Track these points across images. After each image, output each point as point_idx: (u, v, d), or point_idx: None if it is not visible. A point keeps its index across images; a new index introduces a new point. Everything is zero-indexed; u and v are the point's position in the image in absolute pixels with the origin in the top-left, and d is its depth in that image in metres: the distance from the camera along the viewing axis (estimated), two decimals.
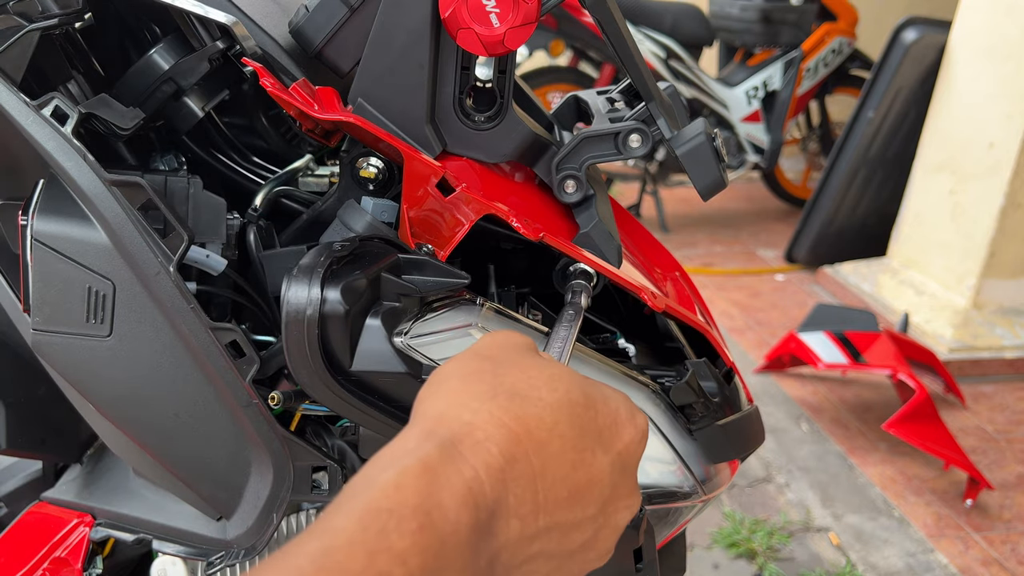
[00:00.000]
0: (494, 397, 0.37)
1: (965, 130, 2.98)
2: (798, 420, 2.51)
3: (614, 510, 0.39)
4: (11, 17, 0.58)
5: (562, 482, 0.36)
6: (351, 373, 0.56)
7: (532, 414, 0.36)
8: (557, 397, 0.38)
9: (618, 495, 0.39)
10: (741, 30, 4.01)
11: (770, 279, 3.65)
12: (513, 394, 0.37)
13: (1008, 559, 1.94)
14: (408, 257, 0.60)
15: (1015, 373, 2.81)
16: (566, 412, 0.37)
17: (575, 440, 0.37)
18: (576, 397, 0.38)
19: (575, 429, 0.37)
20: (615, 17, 0.63)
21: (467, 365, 0.40)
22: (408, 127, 0.63)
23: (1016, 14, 2.76)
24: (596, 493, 0.37)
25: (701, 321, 0.75)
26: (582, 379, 0.40)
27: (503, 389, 0.37)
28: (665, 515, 0.72)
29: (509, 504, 0.34)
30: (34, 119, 0.56)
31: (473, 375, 0.39)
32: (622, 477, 0.39)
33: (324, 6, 0.61)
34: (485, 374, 0.39)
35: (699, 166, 0.65)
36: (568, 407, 0.38)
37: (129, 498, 0.75)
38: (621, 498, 0.40)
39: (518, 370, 0.39)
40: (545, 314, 0.74)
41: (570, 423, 0.37)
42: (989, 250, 2.87)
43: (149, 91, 0.65)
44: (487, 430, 0.35)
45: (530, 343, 0.43)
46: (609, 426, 0.39)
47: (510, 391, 0.37)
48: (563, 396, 0.38)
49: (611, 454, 0.39)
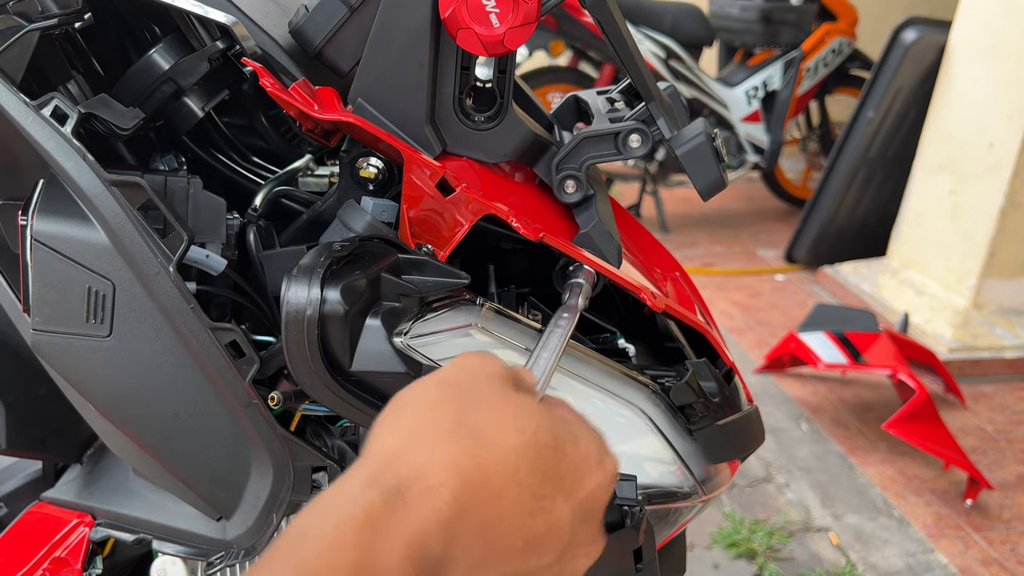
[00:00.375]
0: (453, 437, 0.34)
1: (965, 130, 2.98)
2: (798, 420, 2.51)
3: (572, 558, 0.37)
4: (11, 17, 0.57)
5: (517, 531, 0.34)
6: (351, 373, 0.56)
7: (493, 459, 0.34)
8: (523, 440, 0.35)
9: (578, 542, 0.37)
10: (741, 30, 4.01)
11: (770, 279, 3.65)
12: (475, 435, 0.35)
13: (1008, 559, 1.94)
14: (408, 257, 0.60)
15: (1015, 373, 2.81)
16: (530, 457, 0.35)
17: (535, 487, 0.35)
18: (543, 439, 0.36)
19: (537, 476, 0.35)
20: (615, 17, 0.63)
21: (429, 394, 0.37)
22: (408, 127, 0.63)
23: (1016, 14, 2.76)
24: (554, 542, 0.36)
25: (701, 321, 0.75)
26: (553, 419, 0.38)
27: (465, 428, 0.35)
28: (665, 515, 0.72)
29: (456, 557, 0.32)
30: (34, 119, 0.56)
31: (435, 407, 0.36)
32: (583, 524, 0.38)
33: (324, 6, 0.61)
34: (448, 407, 0.36)
35: (699, 166, 0.65)
36: (533, 451, 0.35)
37: (129, 498, 0.75)
38: (581, 545, 0.38)
39: (485, 406, 0.36)
40: (545, 314, 0.74)
41: (532, 469, 0.35)
42: (989, 250, 2.87)
43: (149, 91, 0.65)
44: (441, 476, 0.33)
45: (504, 373, 0.40)
46: (575, 471, 0.37)
47: (472, 431, 0.35)
48: (529, 439, 0.35)
49: (573, 501, 0.37)
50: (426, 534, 0.31)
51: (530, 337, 0.64)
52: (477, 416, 0.36)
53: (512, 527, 0.34)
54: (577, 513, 0.37)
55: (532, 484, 0.34)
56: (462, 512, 0.32)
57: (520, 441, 0.35)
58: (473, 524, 0.32)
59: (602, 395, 0.65)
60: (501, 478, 0.34)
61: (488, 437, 0.35)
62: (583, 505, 0.37)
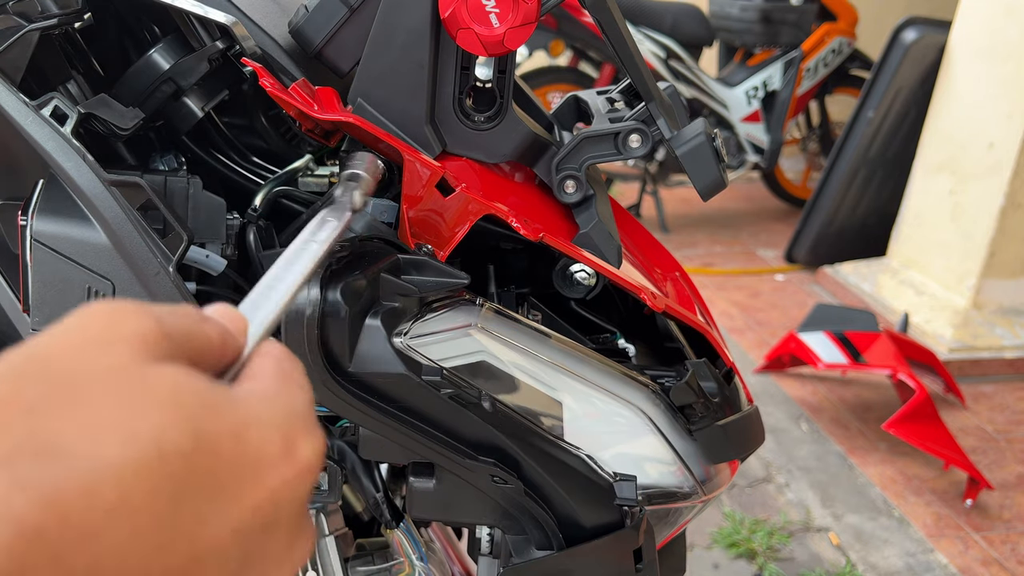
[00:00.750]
0: (12, 459, 0.22)
1: (965, 130, 2.98)
2: (798, 420, 2.51)
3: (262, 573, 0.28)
4: (10, 17, 0.57)
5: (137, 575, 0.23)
6: (350, 373, 0.56)
7: (77, 486, 0.22)
8: (136, 450, 0.24)
9: (258, 560, 0.27)
10: (741, 30, 4.01)
11: (770, 279, 3.65)
12: (51, 453, 0.23)
13: (1008, 559, 1.94)
14: (408, 257, 0.60)
15: (1015, 373, 2.81)
16: (150, 472, 0.24)
17: (163, 512, 0.24)
18: (176, 443, 0.24)
19: (164, 495, 0.24)
20: (615, 17, 0.63)
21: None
22: (408, 127, 0.63)
23: (1016, 14, 2.76)
24: (213, 570, 0.26)
25: (701, 321, 0.75)
26: (202, 411, 0.26)
27: (35, 443, 0.23)
28: (665, 515, 0.72)
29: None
30: (33, 119, 0.56)
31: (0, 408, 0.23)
32: (264, 535, 0.27)
33: (324, 6, 0.61)
34: (14, 410, 0.23)
35: (699, 166, 0.65)
36: (157, 463, 0.24)
37: None
38: (269, 560, 0.28)
39: (83, 405, 0.24)
40: (545, 314, 0.74)
41: (154, 489, 0.24)
42: (989, 250, 2.87)
43: (149, 91, 0.65)
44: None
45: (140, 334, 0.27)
46: (238, 474, 0.26)
47: (46, 447, 0.23)
48: (147, 448, 0.24)
49: (239, 511, 0.26)
50: None
51: (530, 337, 0.64)
52: (63, 423, 0.23)
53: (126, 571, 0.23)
54: (249, 525, 0.27)
55: (157, 509, 0.24)
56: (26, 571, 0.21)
57: (130, 452, 0.24)
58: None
59: (602, 395, 0.65)
60: (93, 514, 0.23)
61: (74, 454, 0.23)
62: (259, 513, 0.27)
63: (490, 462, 0.61)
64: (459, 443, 0.61)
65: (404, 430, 0.59)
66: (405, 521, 0.79)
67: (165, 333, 0.28)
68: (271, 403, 0.29)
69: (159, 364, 0.27)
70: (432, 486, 0.63)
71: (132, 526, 0.23)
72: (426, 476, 0.64)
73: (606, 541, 0.66)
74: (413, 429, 0.59)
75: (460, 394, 0.59)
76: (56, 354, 0.25)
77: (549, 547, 0.65)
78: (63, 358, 0.25)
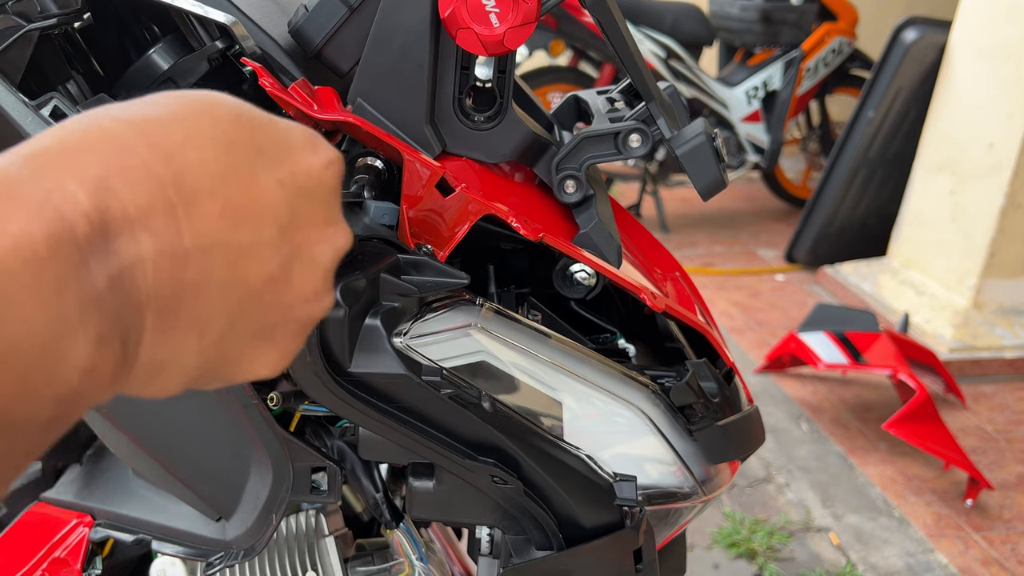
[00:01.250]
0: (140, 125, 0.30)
1: (965, 130, 2.98)
2: (798, 420, 2.51)
3: (304, 241, 0.34)
4: (10, 17, 0.57)
5: (209, 196, 0.30)
6: (350, 373, 0.56)
7: (154, 122, 0.30)
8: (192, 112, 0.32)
9: (302, 223, 0.34)
10: (741, 30, 4.01)
11: (770, 279, 3.65)
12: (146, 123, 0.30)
13: (1008, 559, 1.94)
14: (407, 257, 0.60)
15: (1015, 373, 2.81)
16: (202, 124, 0.31)
17: (221, 152, 0.31)
18: (224, 113, 0.32)
19: (220, 143, 0.31)
20: (615, 17, 0.63)
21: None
22: (408, 127, 0.63)
23: (1016, 15, 2.76)
24: (265, 215, 0.32)
25: (701, 321, 0.75)
26: (243, 104, 0.34)
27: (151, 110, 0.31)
28: (665, 515, 0.72)
29: (127, 214, 0.28)
30: (33, 119, 0.56)
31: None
32: (305, 202, 0.34)
33: (323, 6, 0.61)
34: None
35: (699, 166, 0.65)
36: (209, 120, 0.32)
37: (128, 498, 0.75)
38: (311, 227, 0.35)
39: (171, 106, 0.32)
40: (545, 314, 0.74)
41: (211, 135, 0.31)
42: (989, 250, 2.87)
43: (148, 91, 0.65)
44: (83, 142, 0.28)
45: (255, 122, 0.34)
46: (272, 146, 0.34)
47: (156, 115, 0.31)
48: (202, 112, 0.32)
49: (278, 173, 0.33)
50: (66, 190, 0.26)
51: (530, 337, 0.64)
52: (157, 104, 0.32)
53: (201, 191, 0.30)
54: (289, 187, 0.33)
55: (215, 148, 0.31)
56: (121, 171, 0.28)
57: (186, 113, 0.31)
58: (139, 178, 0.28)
59: (602, 395, 0.65)
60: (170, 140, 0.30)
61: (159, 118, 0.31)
62: (296, 179, 0.34)
63: (490, 462, 0.61)
64: (459, 443, 0.61)
65: (404, 430, 0.59)
66: (405, 521, 0.79)
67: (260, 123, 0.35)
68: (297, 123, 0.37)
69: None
70: (432, 486, 0.63)
71: (199, 155, 0.30)
72: (426, 476, 0.64)
73: (606, 541, 0.66)
74: (413, 429, 0.59)
75: (460, 394, 0.59)
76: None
77: (549, 547, 0.65)
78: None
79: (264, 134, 0.34)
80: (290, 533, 0.77)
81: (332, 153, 0.37)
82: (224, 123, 0.32)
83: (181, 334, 0.30)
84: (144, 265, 0.28)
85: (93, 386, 0.27)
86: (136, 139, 0.29)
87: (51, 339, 0.25)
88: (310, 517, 0.77)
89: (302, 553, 0.76)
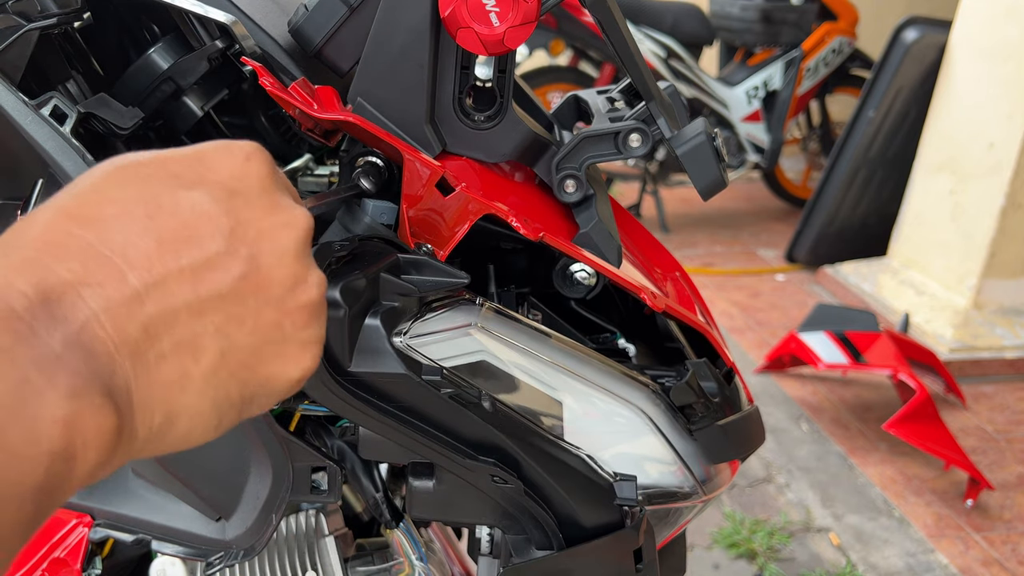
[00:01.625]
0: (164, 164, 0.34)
1: (965, 130, 2.98)
2: (798, 420, 2.51)
3: (257, 235, 0.35)
4: (10, 17, 0.57)
5: (140, 235, 0.32)
6: (350, 373, 0.56)
7: (71, 197, 0.32)
8: (100, 174, 0.33)
9: (247, 220, 0.35)
10: (741, 30, 4.01)
11: (770, 279, 3.65)
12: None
13: (1008, 559, 1.94)
14: (407, 257, 0.60)
15: (1015, 373, 2.81)
16: (111, 179, 0.33)
17: (138, 193, 0.33)
18: (131, 161, 0.34)
19: (133, 186, 0.33)
20: (615, 17, 0.63)
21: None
22: (408, 127, 0.63)
23: (1016, 14, 2.76)
24: (205, 229, 0.33)
25: (701, 321, 0.75)
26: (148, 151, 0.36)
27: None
28: (665, 515, 0.72)
29: (64, 280, 0.30)
30: (33, 119, 0.56)
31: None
32: (241, 202, 0.35)
33: (323, 5, 0.61)
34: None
35: (699, 166, 0.65)
36: (117, 174, 0.33)
37: (128, 498, 0.75)
38: (258, 221, 0.35)
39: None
40: (545, 314, 0.74)
41: (122, 186, 0.33)
42: (989, 250, 2.87)
43: (148, 91, 0.65)
44: (8, 237, 0.31)
45: (270, 180, 0.37)
46: (186, 166, 0.35)
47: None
48: (109, 172, 0.34)
49: (203, 187, 0.34)
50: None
51: (530, 337, 0.64)
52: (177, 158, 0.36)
53: (131, 236, 0.32)
54: (218, 194, 0.35)
55: (129, 196, 0.33)
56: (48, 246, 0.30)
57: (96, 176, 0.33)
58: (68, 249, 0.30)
59: (602, 395, 0.65)
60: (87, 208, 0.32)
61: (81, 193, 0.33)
62: (223, 185, 0.35)
63: (490, 462, 0.61)
64: (459, 443, 0.61)
65: (404, 430, 0.59)
66: (405, 521, 0.79)
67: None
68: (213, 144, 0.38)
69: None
70: (432, 486, 0.63)
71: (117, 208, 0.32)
72: (426, 476, 0.64)
73: (606, 541, 0.65)
74: (413, 429, 0.59)
75: (460, 394, 0.59)
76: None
77: (549, 547, 0.65)
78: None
79: (174, 161, 0.35)
80: (290, 533, 0.77)
81: (248, 147, 0.37)
82: (133, 168, 0.34)
83: (173, 364, 0.32)
84: (98, 318, 0.30)
85: (91, 443, 0.28)
86: (55, 217, 0.31)
87: (16, 399, 0.27)
88: (310, 517, 0.77)
89: (302, 553, 0.76)
